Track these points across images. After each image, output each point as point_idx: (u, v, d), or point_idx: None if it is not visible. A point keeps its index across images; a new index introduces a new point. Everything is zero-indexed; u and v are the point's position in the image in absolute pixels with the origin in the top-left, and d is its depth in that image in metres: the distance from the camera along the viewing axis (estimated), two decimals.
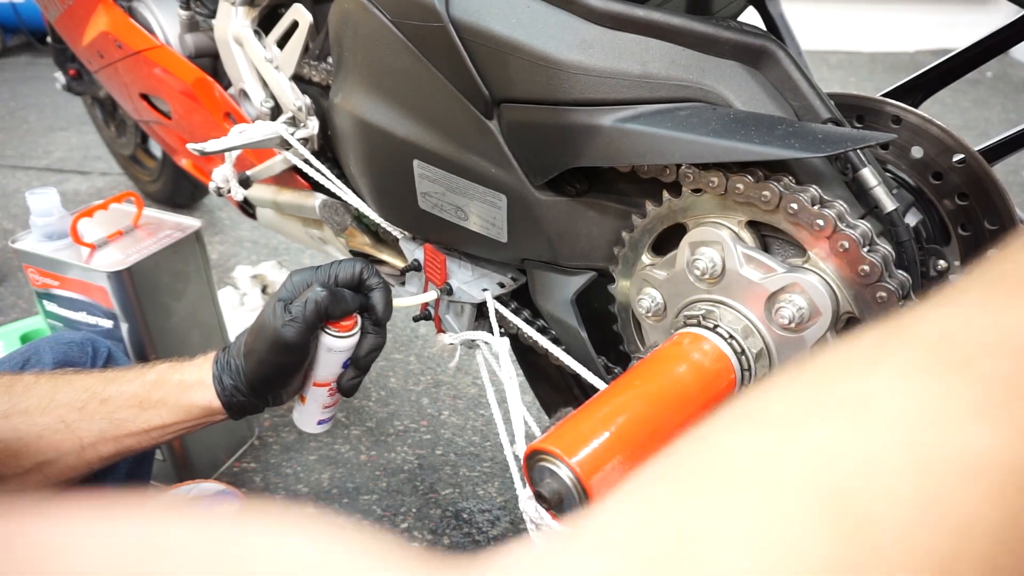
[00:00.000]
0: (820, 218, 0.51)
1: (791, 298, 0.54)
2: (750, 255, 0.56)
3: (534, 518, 0.49)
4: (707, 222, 0.58)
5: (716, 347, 0.56)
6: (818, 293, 0.53)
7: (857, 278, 0.52)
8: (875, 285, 0.51)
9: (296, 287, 0.66)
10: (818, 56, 3.51)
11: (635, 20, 0.56)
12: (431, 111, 0.69)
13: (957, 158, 0.59)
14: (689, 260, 0.59)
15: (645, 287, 0.64)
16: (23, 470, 0.63)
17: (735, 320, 0.57)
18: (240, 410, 0.67)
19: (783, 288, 0.55)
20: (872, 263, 0.51)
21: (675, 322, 0.62)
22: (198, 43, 1.07)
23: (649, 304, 0.64)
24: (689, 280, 0.60)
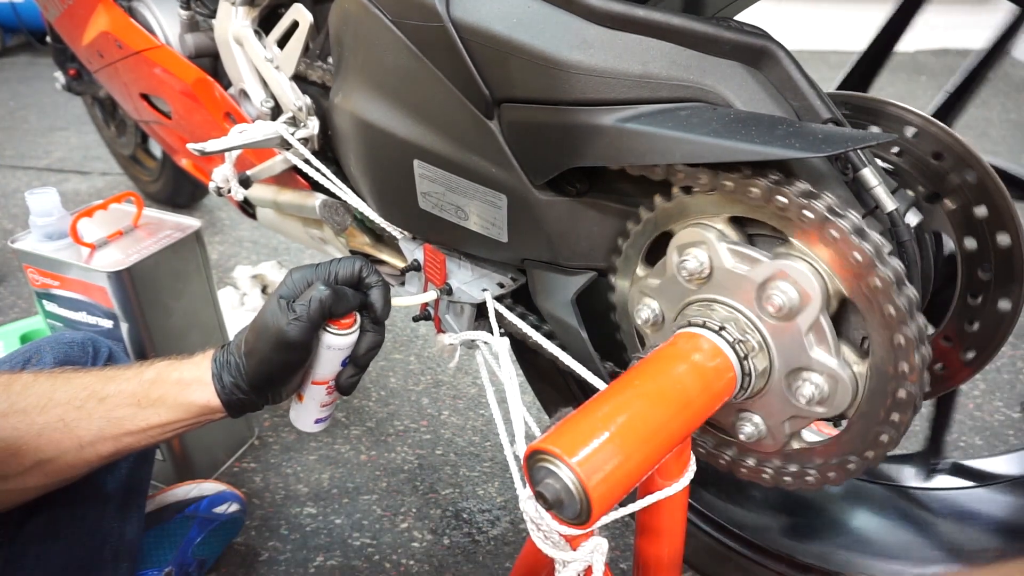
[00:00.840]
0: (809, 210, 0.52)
1: (779, 285, 0.55)
2: (735, 249, 0.57)
3: (534, 518, 0.49)
4: (691, 224, 0.59)
5: (714, 344, 0.56)
6: (805, 278, 0.54)
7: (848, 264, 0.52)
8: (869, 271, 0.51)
9: (297, 285, 0.66)
10: (818, 56, 3.51)
11: (635, 20, 0.56)
12: (431, 111, 0.69)
13: None
14: (678, 263, 0.60)
15: (642, 299, 0.65)
16: (22, 469, 0.63)
17: (729, 315, 0.58)
18: (239, 408, 0.67)
19: (770, 277, 0.55)
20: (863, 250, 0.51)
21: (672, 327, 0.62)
22: (198, 43, 1.07)
23: (648, 315, 0.65)
24: (681, 283, 0.61)
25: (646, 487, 0.56)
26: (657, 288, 0.64)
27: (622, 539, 1.05)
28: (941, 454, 0.85)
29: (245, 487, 1.15)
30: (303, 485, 1.16)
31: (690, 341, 0.57)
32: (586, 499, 0.45)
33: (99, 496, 0.80)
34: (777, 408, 0.60)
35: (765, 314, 0.56)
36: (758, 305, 0.56)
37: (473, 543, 1.06)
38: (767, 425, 0.62)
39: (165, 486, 1.03)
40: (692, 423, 0.53)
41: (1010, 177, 0.66)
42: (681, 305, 0.62)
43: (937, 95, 0.74)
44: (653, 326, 0.65)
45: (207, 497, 1.00)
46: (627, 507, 0.55)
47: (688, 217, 0.60)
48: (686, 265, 0.59)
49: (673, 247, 0.61)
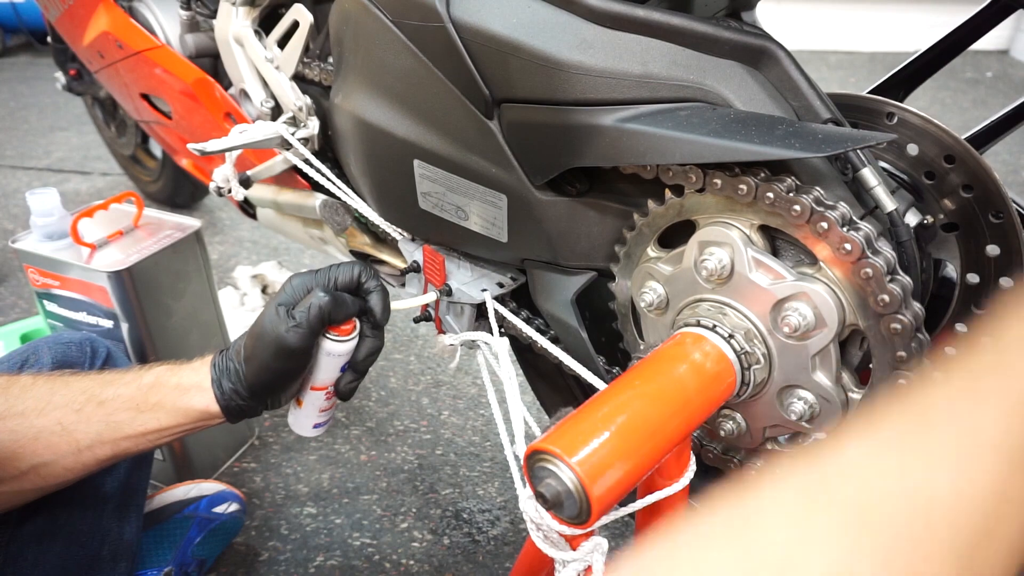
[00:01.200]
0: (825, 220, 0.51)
1: (798, 306, 0.54)
2: (760, 259, 0.56)
3: (534, 518, 0.49)
4: (718, 221, 0.58)
5: (717, 348, 0.56)
6: (825, 304, 0.53)
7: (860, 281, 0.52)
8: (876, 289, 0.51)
9: (296, 291, 0.66)
10: (818, 56, 3.51)
11: (635, 20, 0.56)
12: (432, 111, 0.69)
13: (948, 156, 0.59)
14: (697, 259, 0.59)
15: (648, 281, 0.64)
16: (19, 472, 0.63)
17: (739, 323, 0.57)
18: (239, 414, 0.67)
19: (791, 296, 0.55)
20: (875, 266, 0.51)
21: (676, 319, 0.62)
22: (199, 43, 1.07)
23: (652, 298, 0.63)
24: (695, 279, 0.60)
25: (646, 487, 0.56)
26: (668, 275, 0.62)
27: (622, 539, 1.05)
28: None
29: (245, 487, 1.15)
30: (303, 485, 1.16)
31: (695, 342, 0.57)
32: (586, 499, 0.45)
33: (98, 497, 0.80)
34: (762, 415, 0.60)
35: (777, 330, 0.56)
36: (772, 320, 0.56)
37: (473, 543, 1.06)
38: (748, 426, 0.62)
39: (165, 486, 1.03)
40: (692, 423, 0.53)
41: None
42: (690, 299, 0.61)
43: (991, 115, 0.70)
44: (656, 310, 0.64)
45: (207, 497, 1.00)
46: (627, 507, 0.55)
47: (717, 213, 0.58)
48: (706, 263, 0.58)
49: (696, 240, 0.59)
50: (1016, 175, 2.27)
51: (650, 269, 0.64)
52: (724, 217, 0.58)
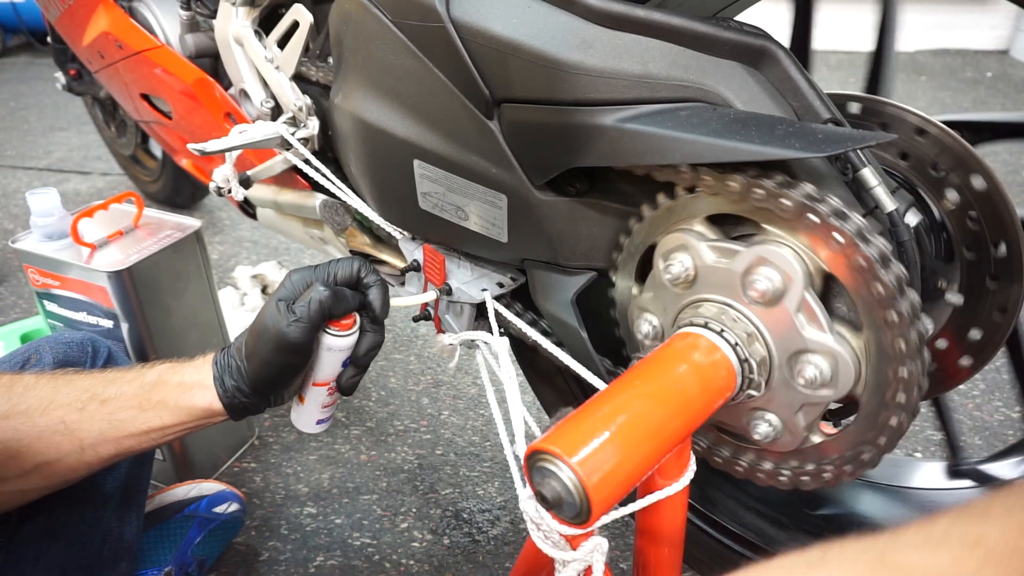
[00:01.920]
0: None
1: (761, 271, 0.55)
2: (714, 246, 0.58)
3: (534, 518, 0.49)
4: (672, 231, 0.60)
5: (708, 341, 0.57)
6: (783, 259, 0.54)
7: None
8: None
9: (296, 286, 0.66)
10: (818, 56, 3.50)
11: (635, 20, 0.56)
12: (431, 111, 0.69)
13: None
14: (663, 270, 0.61)
15: (641, 315, 0.66)
16: (22, 471, 0.63)
17: (719, 311, 0.58)
18: (241, 411, 0.67)
19: (751, 264, 0.56)
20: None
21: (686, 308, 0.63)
22: (198, 43, 1.07)
23: (648, 330, 0.66)
24: (670, 290, 0.62)
25: (646, 487, 0.56)
26: (652, 301, 0.64)
27: (622, 539, 1.05)
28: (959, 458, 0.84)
29: (245, 487, 1.15)
30: (303, 485, 1.16)
31: (686, 340, 0.57)
32: (586, 499, 0.45)
33: (98, 496, 0.80)
34: (785, 399, 0.59)
35: (752, 302, 0.57)
36: (744, 295, 0.57)
37: (473, 543, 1.06)
38: (781, 420, 0.60)
39: (165, 486, 1.03)
40: (692, 423, 0.53)
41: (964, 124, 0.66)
42: (675, 312, 0.62)
43: None
44: (655, 340, 0.66)
45: (207, 497, 1.00)
46: (627, 507, 0.55)
47: (668, 224, 0.61)
48: (671, 270, 0.60)
49: (658, 256, 0.62)
50: (1016, 175, 2.28)
51: (638, 304, 0.66)
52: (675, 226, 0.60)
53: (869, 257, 0.51)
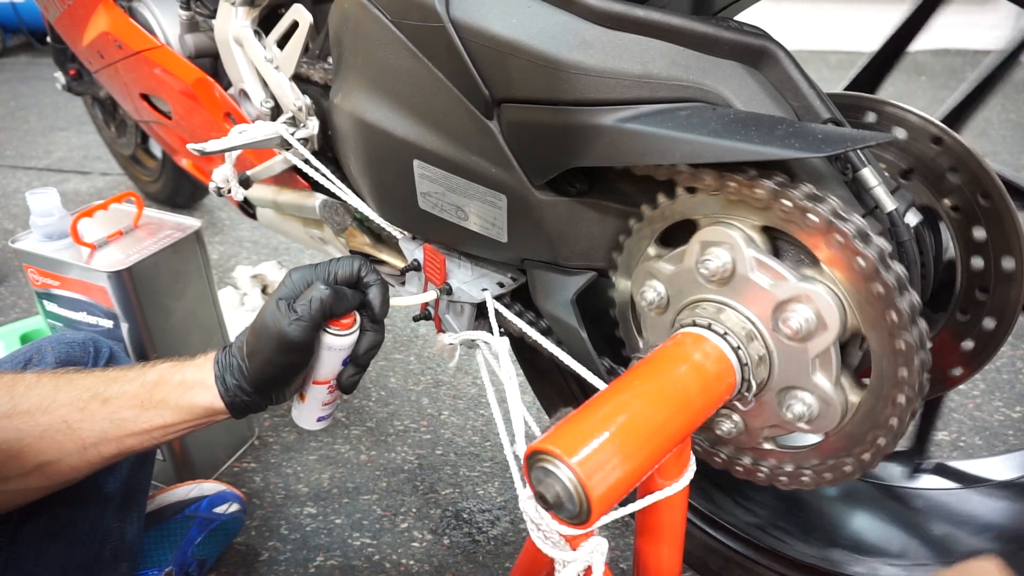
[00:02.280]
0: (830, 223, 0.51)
1: (799, 308, 0.54)
2: (761, 260, 0.56)
3: (534, 518, 0.49)
4: (721, 222, 0.58)
5: (718, 349, 0.56)
6: (827, 306, 0.53)
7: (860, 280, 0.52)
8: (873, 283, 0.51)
9: (296, 285, 0.66)
10: (818, 56, 3.51)
11: (635, 20, 0.56)
12: (431, 111, 0.69)
13: None
14: (699, 258, 0.59)
15: (649, 279, 0.64)
16: (24, 470, 0.63)
17: (739, 324, 0.57)
18: (243, 410, 0.67)
19: (792, 297, 0.55)
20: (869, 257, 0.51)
21: (677, 318, 0.62)
22: (198, 43, 1.07)
23: (653, 297, 0.63)
24: (696, 278, 0.60)
25: (646, 487, 0.56)
26: (669, 274, 0.62)
27: (622, 539, 1.05)
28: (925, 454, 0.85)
29: (245, 487, 1.15)
30: (303, 485, 1.16)
31: (695, 343, 0.57)
32: (586, 499, 0.45)
33: (99, 496, 0.80)
34: (762, 416, 0.61)
35: (778, 332, 0.56)
36: (772, 321, 0.56)
37: (473, 543, 1.06)
38: (746, 425, 0.62)
39: (165, 486, 1.03)
40: (692, 423, 0.53)
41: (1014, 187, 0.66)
42: (691, 299, 0.61)
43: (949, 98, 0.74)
44: (656, 309, 0.64)
45: (207, 497, 1.00)
46: (627, 507, 0.55)
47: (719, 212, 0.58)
48: (708, 263, 0.57)
49: (697, 240, 0.59)
50: (1016, 175, 2.27)
51: (651, 268, 0.64)
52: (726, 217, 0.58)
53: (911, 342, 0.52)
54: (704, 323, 0.58)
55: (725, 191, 0.55)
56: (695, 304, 0.61)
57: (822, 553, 0.80)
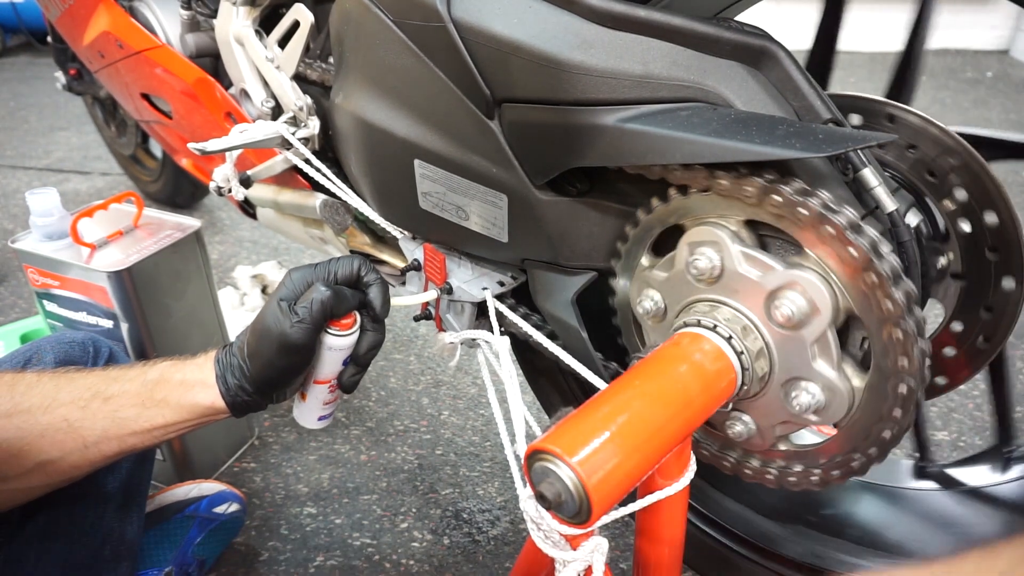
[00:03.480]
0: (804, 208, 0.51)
1: (790, 296, 0.54)
2: (748, 253, 0.56)
3: (534, 518, 0.49)
4: (705, 222, 0.59)
5: (716, 346, 0.56)
6: (817, 291, 0.54)
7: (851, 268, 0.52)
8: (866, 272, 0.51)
9: (297, 286, 0.66)
10: None
11: (636, 20, 0.56)
12: (432, 111, 0.69)
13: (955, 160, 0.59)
14: (688, 260, 0.59)
15: (645, 289, 0.65)
16: (25, 469, 0.63)
17: (734, 319, 0.58)
18: (244, 409, 0.67)
19: (782, 286, 0.55)
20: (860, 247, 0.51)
21: (675, 323, 0.62)
22: (199, 43, 1.07)
23: (650, 306, 0.64)
24: (688, 280, 0.60)
25: (646, 487, 0.56)
26: (663, 281, 0.63)
27: (622, 539, 1.05)
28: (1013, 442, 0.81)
29: (245, 487, 1.15)
30: (303, 485, 1.16)
31: (693, 342, 0.57)
32: (586, 499, 0.45)
33: (99, 496, 0.80)
34: (770, 412, 0.60)
35: (772, 322, 0.56)
36: (766, 312, 0.56)
37: (473, 543, 1.06)
38: (757, 425, 0.62)
39: (165, 486, 1.03)
40: (692, 423, 0.53)
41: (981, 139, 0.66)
42: (686, 301, 0.62)
43: None
44: (654, 318, 0.65)
45: (207, 497, 1.00)
46: (627, 507, 0.55)
47: (702, 214, 0.59)
48: (697, 263, 0.58)
49: (684, 243, 0.60)
50: (1016, 175, 2.28)
51: (645, 278, 0.65)
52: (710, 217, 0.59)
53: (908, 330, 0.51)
54: (702, 322, 0.58)
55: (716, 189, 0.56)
56: (690, 306, 0.61)
57: (831, 553, 0.80)
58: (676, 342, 0.57)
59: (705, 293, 0.60)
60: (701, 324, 0.58)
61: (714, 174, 0.55)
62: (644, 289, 0.65)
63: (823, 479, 0.61)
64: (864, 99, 0.63)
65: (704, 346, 0.56)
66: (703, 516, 0.88)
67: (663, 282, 0.63)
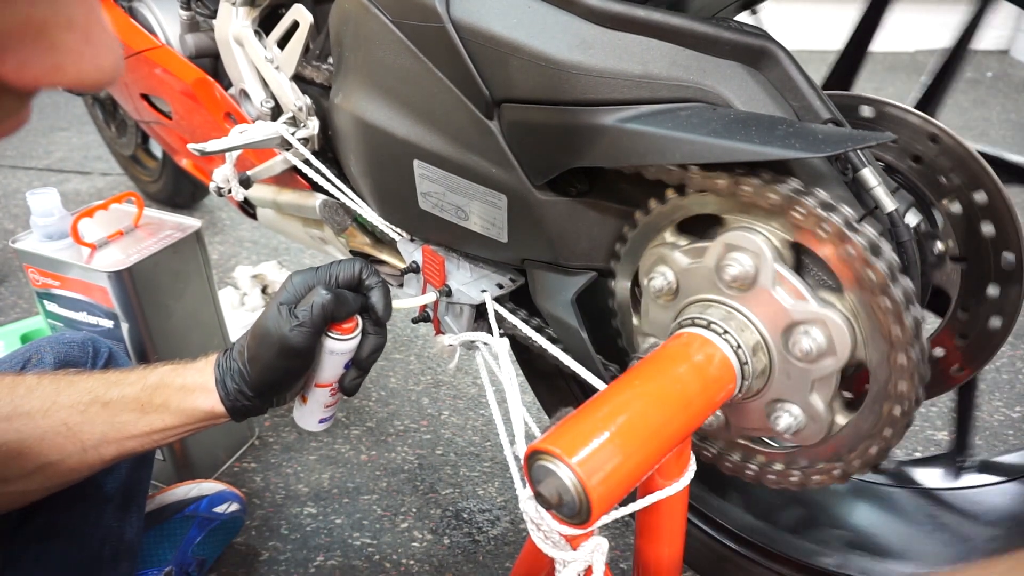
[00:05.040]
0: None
1: (812, 331, 0.54)
2: (785, 276, 0.55)
3: (534, 518, 0.49)
4: (749, 227, 0.57)
5: (722, 354, 0.56)
6: (841, 335, 0.53)
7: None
8: None
9: (298, 289, 0.66)
10: (818, 56, 3.50)
11: (635, 20, 0.56)
12: (431, 111, 0.69)
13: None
14: (721, 260, 0.58)
15: (660, 265, 0.62)
16: (25, 472, 0.63)
17: (749, 334, 0.57)
18: (244, 413, 0.67)
19: (809, 320, 0.54)
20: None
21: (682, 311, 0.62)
22: (199, 43, 1.07)
23: (662, 284, 0.62)
24: (713, 278, 0.59)
25: (646, 487, 0.56)
26: (684, 266, 0.61)
27: (622, 539, 1.05)
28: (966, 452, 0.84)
29: (245, 487, 1.15)
30: (303, 485, 1.16)
31: (697, 344, 0.56)
32: (586, 499, 0.45)
33: (99, 496, 0.80)
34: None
35: (786, 350, 0.56)
36: (782, 338, 0.56)
37: (473, 543, 1.06)
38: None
39: (165, 486, 1.03)
40: (692, 423, 0.53)
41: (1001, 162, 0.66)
42: (702, 297, 0.60)
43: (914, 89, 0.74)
44: (665, 296, 0.63)
45: (207, 497, 1.00)
46: (627, 507, 0.55)
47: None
48: (730, 269, 0.56)
49: (722, 241, 0.57)
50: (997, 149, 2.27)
51: (664, 254, 0.62)
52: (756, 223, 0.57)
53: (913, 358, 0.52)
54: (712, 325, 0.58)
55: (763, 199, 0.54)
56: (706, 304, 0.60)
57: (832, 554, 0.80)
58: (669, 344, 0.57)
59: (726, 298, 0.58)
60: (711, 327, 0.57)
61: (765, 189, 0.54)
62: (659, 265, 0.62)
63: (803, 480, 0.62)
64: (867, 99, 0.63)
65: (709, 350, 0.56)
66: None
67: (684, 268, 0.61)
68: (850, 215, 0.51)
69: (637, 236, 0.64)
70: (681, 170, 0.57)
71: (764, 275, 0.55)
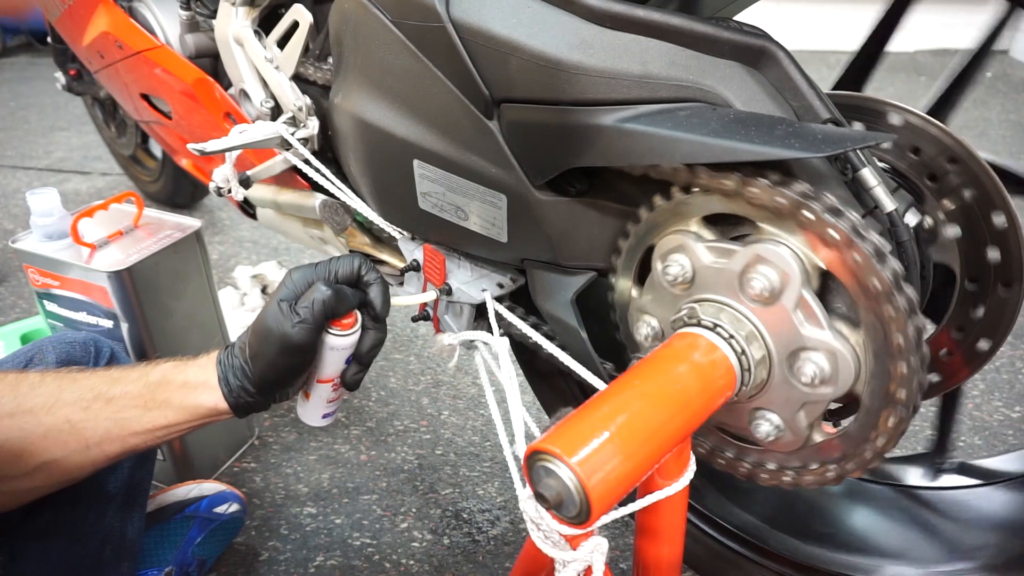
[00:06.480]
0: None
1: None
2: (711, 246, 0.58)
3: (534, 518, 0.49)
4: (669, 233, 0.61)
5: (710, 342, 0.56)
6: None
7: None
8: None
9: (297, 286, 0.66)
10: (818, 56, 3.51)
11: (635, 20, 0.56)
12: (431, 111, 0.69)
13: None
14: (662, 271, 0.61)
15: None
16: (28, 469, 0.63)
17: (717, 311, 0.58)
18: (247, 410, 0.67)
19: (748, 264, 0.55)
20: None
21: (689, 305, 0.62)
22: (198, 43, 1.07)
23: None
24: (669, 291, 0.62)
25: (646, 487, 0.56)
26: (651, 303, 0.64)
27: (622, 539, 1.06)
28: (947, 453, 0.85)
29: (245, 487, 1.15)
30: (303, 485, 1.16)
31: (685, 340, 0.57)
32: (586, 499, 0.45)
33: (100, 496, 0.80)
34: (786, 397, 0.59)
35: (750, 301, 0.57)
36: (743, 294, 0.57)
37: (473, 543, 1.06)
38: (783, 419, 0.60)
39: (166, 486, 1.03)
40: (692, 423, 0.53)
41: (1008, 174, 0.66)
42: (675, 313, 0.62)
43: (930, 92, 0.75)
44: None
45: (207, 497, 1.00)
46: (627, 507, 0.55)
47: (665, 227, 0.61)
48: (669, 271, 0.60)
49: (656, 258, 0.62)
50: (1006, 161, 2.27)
51: (638, 307, 0.65)
52: (673, 228, 0.60)
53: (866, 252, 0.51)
54: (721, 330, 0.57)
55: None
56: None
57: (832, 554, 0.80)
58: (670, 343, 0.58)
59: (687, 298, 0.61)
60: (717, 330, 0.57)
61: None
62: (640, 317, 0.66)
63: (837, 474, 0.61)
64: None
65: (697, 342, 0.57)
66: None
67: (652, 303, 0.65)
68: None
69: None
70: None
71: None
